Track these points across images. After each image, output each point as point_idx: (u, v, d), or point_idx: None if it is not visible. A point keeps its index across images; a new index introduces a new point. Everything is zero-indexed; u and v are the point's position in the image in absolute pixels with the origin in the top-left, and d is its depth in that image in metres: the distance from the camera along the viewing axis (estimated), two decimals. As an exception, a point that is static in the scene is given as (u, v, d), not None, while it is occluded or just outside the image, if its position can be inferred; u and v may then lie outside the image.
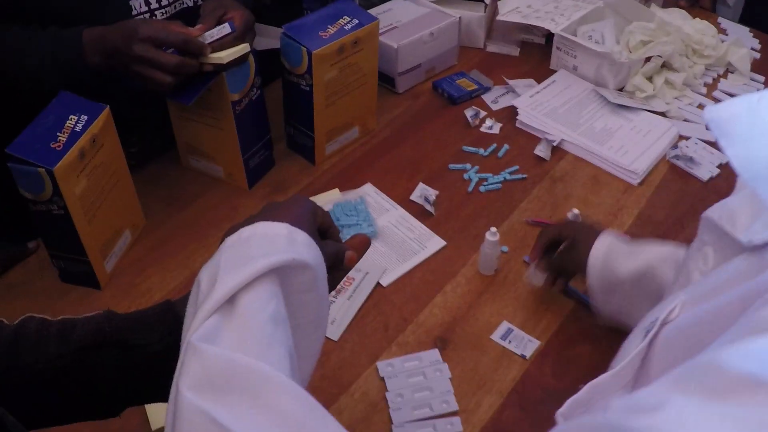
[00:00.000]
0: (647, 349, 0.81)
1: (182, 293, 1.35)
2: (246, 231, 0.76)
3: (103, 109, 1.31)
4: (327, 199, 1.56)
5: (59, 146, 1.21)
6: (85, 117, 1.27)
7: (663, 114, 1.80)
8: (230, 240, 0.76)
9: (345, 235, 1.44)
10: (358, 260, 0.89)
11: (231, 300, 0.69)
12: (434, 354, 1.29)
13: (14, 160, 1.20)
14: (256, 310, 0.68)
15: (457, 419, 1.19)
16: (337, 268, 0.86)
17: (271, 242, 0.74)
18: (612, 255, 1.22)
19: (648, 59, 1.86)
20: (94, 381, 0.81)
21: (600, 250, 1.23)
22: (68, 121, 1.25)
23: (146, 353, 0.82)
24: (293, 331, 0.73)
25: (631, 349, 0.83)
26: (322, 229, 0.86)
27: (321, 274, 0.77)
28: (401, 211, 1.56)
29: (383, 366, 1.27)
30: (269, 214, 0.80)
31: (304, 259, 0.74)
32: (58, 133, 1.23)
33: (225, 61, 1.33)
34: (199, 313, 0.68)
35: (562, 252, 1.31)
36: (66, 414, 0.84)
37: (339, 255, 0.85)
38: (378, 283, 1.41)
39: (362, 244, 0.90)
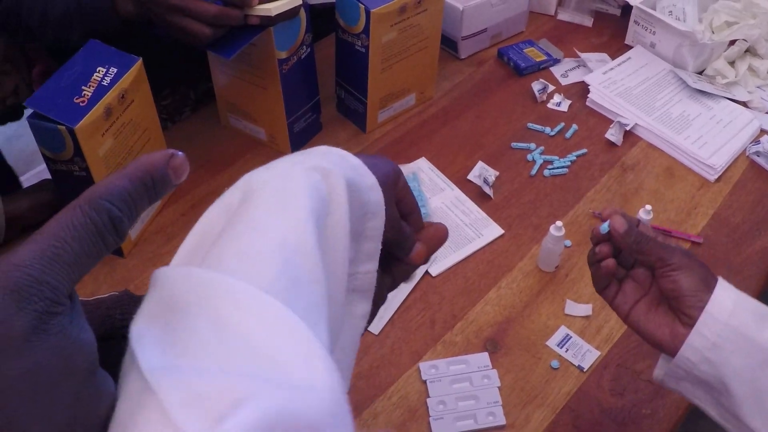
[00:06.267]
0: None
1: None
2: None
3: (135, 61, 1.18)
4: (376, 173, 1.43)
5: (83, 101, 1.10)
6: (115, 69, 1.15)
7: (744, 104, 1.65)
8: None
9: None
10: (428, 259, 0.74)
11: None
12: (483, 358, 1.18)
13: (33, 115, 1.09)
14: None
15: (503, 435, 1.09)
16: (399, 257, 0.72)
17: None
18: (747, 315, 0.85)
19: (732, 42, 1.70)
20: None
21: (727, 301, 0.86)
22: (95, 74, 1.13)
23: None
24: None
25: None
26: (402, 206, 0.71)
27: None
28: (457, 191, 1.43)
29: (426, 368, 1.16)
30: None
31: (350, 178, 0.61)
32: (83, 87, 1.11)
33: (273, 14, 1.20)
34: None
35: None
36: None
37: (407, 240, 0.72)
38: (426, 272, 1.29)
39: (437, 238, 0.76)
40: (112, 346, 0.66)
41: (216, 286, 0.46)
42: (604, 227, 0.90)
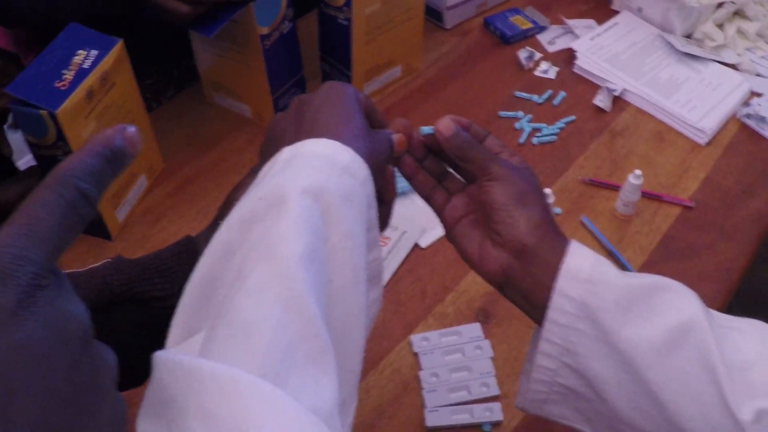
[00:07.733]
0: None
1: (201, 247, 1.28)
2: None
3: (116, 42, 1.17)
4: (363, 146, 1.42)
5: (64, 85, 1.08)
6: (96, 52, 1.13)
7: (734, 66, 1.64)
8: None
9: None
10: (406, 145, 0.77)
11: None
12: (475, 328, 1.17)
13: (14, 100, 1.08)
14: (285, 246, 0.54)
15: (497, 405, 1.08)
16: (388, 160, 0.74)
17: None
18: (605, 311, 0.70)
19: (720, 5, 1.69)
20: None
21: (582, 271, 0.72)
22: (76, 57, 1.12)
23: (167, 306, 0.68)
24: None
25: None
26: (367, 115, 0.74)
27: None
28: (445, 163, 1.42)
29: (418, 340, 1.16)
30: (311, 122, 0.67)
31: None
32: (64, 71, 1.10)
33: None
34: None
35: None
36: None
37: (391, 143, 0.74)
38: (416, 244, 1.29)
39: (406, 126, 0.78)
40: (117, 313, 0.66)
41: (203, 378, 0.47)
42: (426, 129, 0.81)
